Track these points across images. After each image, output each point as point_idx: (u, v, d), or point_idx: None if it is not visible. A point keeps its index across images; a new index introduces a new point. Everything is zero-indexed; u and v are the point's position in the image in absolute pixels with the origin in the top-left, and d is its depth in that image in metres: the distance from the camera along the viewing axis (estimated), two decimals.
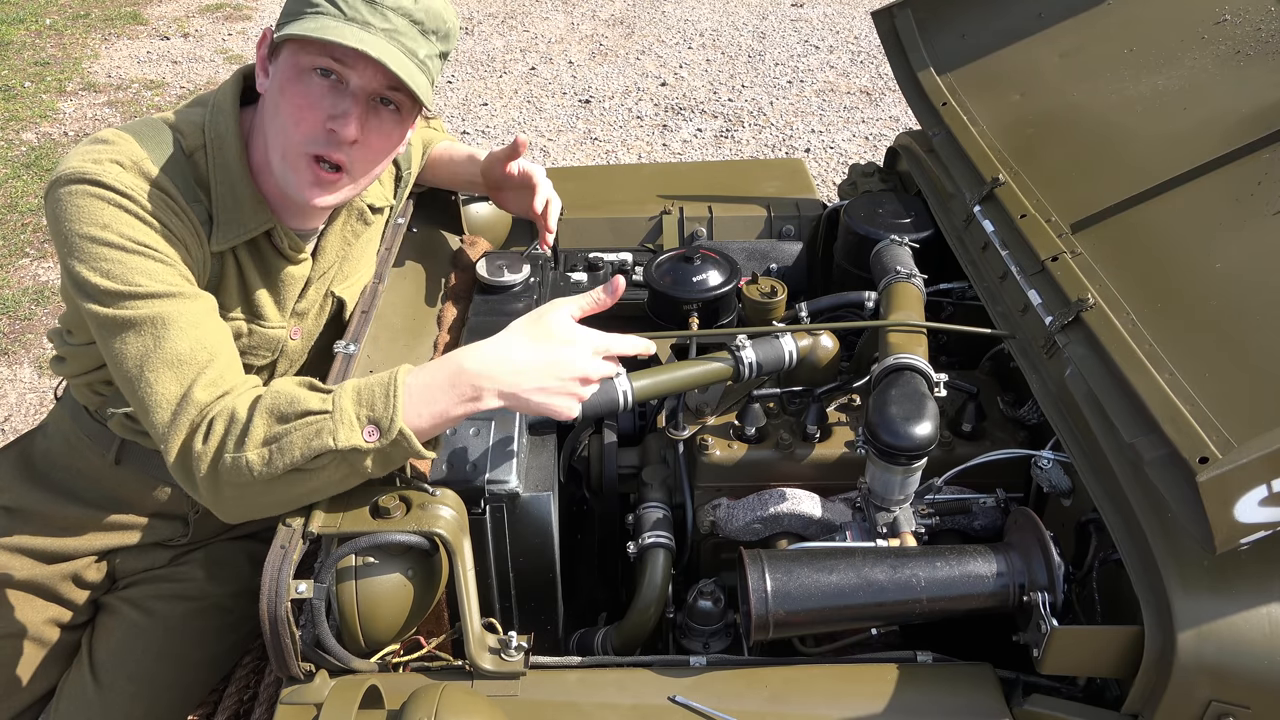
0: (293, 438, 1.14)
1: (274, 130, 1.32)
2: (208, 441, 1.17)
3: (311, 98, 1.29)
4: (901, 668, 1.21)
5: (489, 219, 1.98)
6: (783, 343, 1.54)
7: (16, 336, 3.72)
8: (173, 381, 1.20)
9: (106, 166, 1.24)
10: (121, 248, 1.23)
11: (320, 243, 1.52)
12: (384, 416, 1.14)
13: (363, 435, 1.13)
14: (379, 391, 1.16)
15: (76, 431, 1.57)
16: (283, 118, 1.30)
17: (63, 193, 1.24)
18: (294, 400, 1.16)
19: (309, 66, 1.28)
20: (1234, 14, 1.66)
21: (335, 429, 1.13)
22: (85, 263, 1.22)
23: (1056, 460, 1.37)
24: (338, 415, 1.14)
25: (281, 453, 1.14)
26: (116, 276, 1.22)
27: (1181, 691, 1.09)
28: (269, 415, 1.16)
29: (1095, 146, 1.63)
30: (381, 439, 1.13)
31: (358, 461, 1.15)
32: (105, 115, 5.40)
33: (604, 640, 1.49)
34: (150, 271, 1.24)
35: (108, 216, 1.23)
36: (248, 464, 1.14)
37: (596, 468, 1.61)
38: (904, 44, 2.01)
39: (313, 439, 1.13)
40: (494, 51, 6.21)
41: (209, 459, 1.16)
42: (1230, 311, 1.24)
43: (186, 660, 1.60)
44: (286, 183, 1.34)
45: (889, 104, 5.41)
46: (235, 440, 1.15)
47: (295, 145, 1.31)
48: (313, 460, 1.14)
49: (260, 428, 1.15)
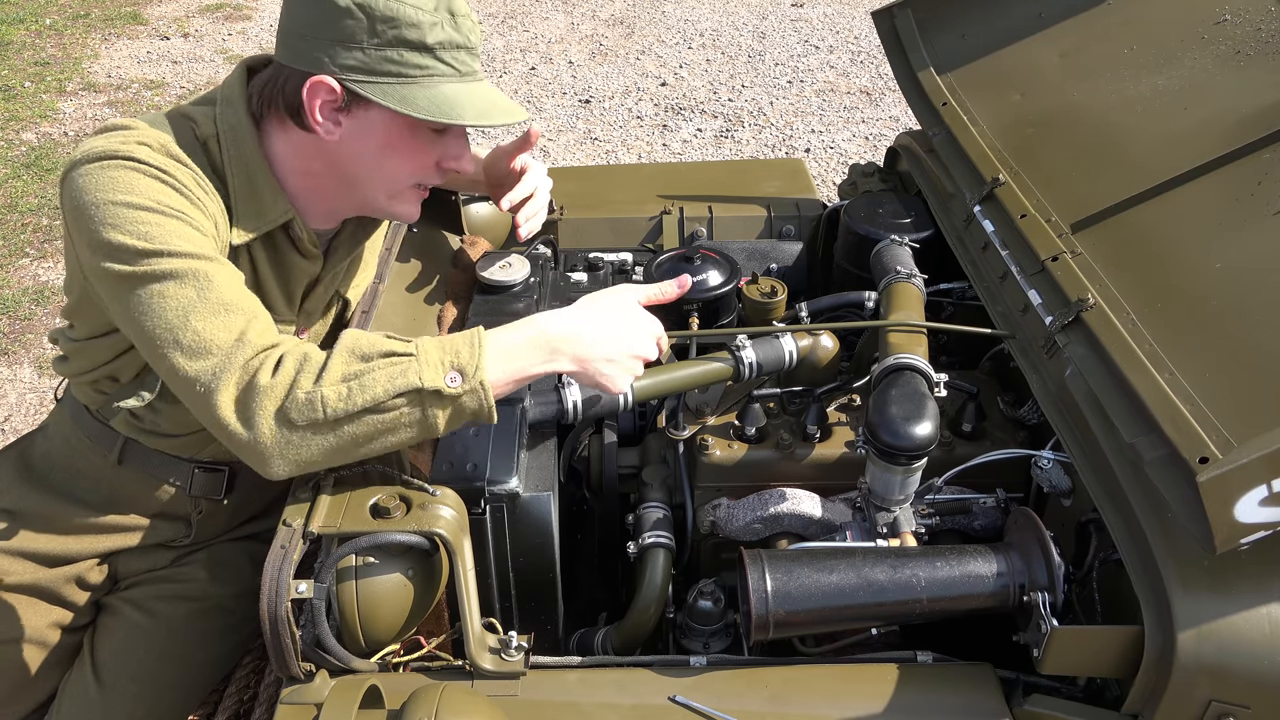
0: (375, 374, 1.14)
1: (379, 178, 1.36)
2: (277, 375, 1.13)
3: (422, 146, 1.35)
4: (901, 668, 1.21)
5: (489, 219, 1.99)
6: (783, 343, 1.54)
7: (16, 336, 3.72)
8: (222, 328, 1.17)
9: (135, 146, 1.23)
10: (160, 211, 1.20)
11: (333, 242, 1.52)
12: (469, 364, 1.16)
13: (445, 379, 1.15)
14: (462, 342, 1.18)
15: (77, 432, 1.57)
16: (392, 168, 1.35)
17: (91, 167, 1.21)
18: (375, 342, 1.17)
19: (425, 126, 1.31)
20: (1234, 14, 1.66)
21: (421, 369, 1.14)
22: (119, 227, 1.18)
23: (1056, 460, 1.37)
24: (422, 357, 1.16)
25: (363, 389, 1.13)
26: (154, 238, 1.18)
27: (1181, 691, 1.09)
28: (349, 354, 1.16)
29: (1095, 146, 1.63)
30: (464, 384, 1.15)
31: (433, 410, 1.15)
32: (105, 115, 5.40)
33: (604, 640, 1.49)
34: (187, 236, 1.21)
35: (143, 185, 1.21)
36: (323, 399, 1.12)
37: (596, 468, 1.61)
38: (904, 44, 2.01)
39: (397, 377, 1.14)
40: (494, 51, 6.21)
41: (280, 393, 1.13)
42: (1230, 311, 1.24)
43: (188, 661, 1.60)
44: (393, 213, 1.43)
45: (889, 104, 5.41)
46: (312, 376, 1.13)
47: (407, 183, 1.38)
48: (393, 399, 1.13)
49: (340, 365, 1.14)
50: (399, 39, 1.24)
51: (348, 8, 1.23)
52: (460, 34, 1.28)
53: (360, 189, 1.38)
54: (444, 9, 1.26)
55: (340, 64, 1.25)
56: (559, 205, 2.10)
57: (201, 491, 1.59)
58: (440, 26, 1.25)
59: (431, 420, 1.16)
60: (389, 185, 1.37)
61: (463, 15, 1.29)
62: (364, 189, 1.38)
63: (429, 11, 1.24)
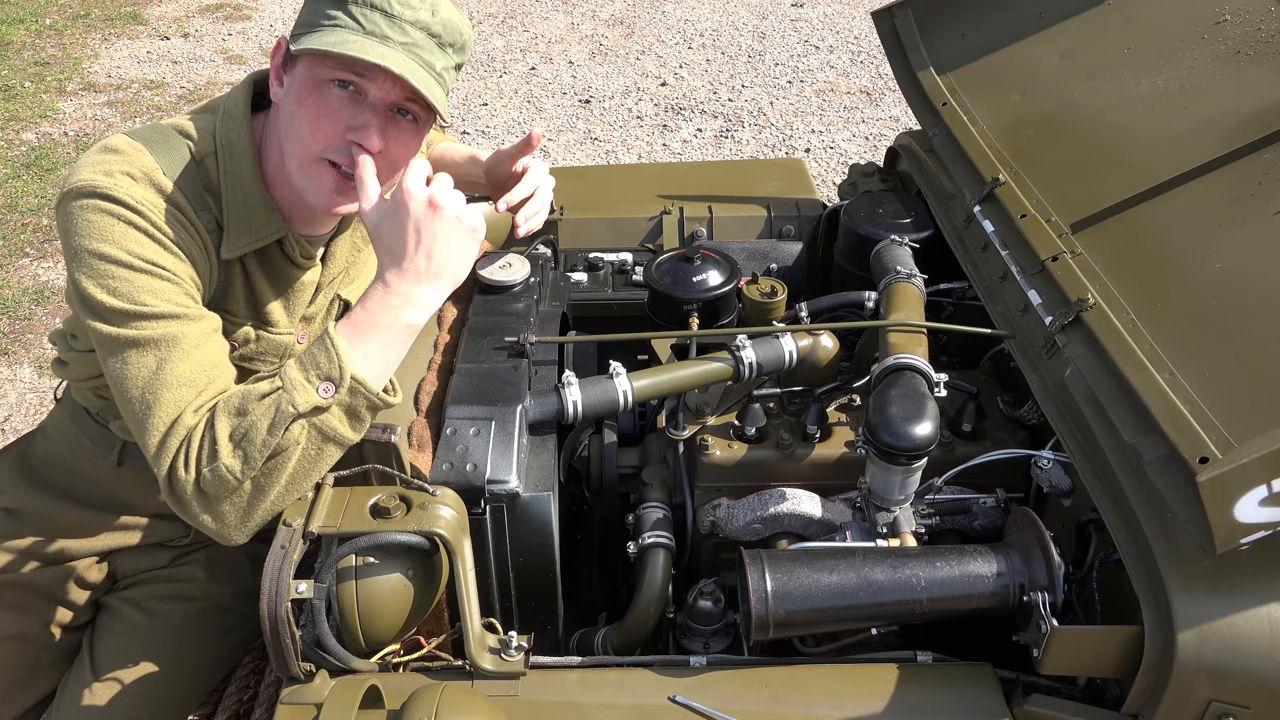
0: (255, 421, 1.15)
1: (291, 139, 1.32)
2: (188, 467, 1.18)
3: (330, 108, 1.30)
4: (901, 668, 1.21)
5: (489, 219, 1.98)
6: (783, 343, 1.54)
7: (16, 336, 3.72)
8: (170, 405, 1.20)
9: (118, 179, 1.24)
10: (129, 265, 1.22)
11: (330, 248, 1.52)
12: (331, 368, 1.17)
13: (318, 393, 1.16)
14: (317, 350, 1.19)
15: (77, 433, 1.57)
16: (299, 127, 1.31)
17: (74, 206, 1.23)
18: (244, 394, 1.19)
19: (327, 78, 1.29)
20: (1234, 14, 1.66)
21: (291, 396, 1.16)
22: (93, 279, 1.22)
23: (1056, 460, 1.37)
24: (288, 385, 1.17)
25: (250, 441, 1.15)
26: (123, 295, 1.22)
27: (1181, 691, 1.09)
28: (227, 415, 1.18)
29: (1095, 146, 1.63)
30: (337, 392, 1.16)
31: (327, 425, 1.17)
32: (105, 115, 5.40)
33: (604, 640, 1.49)
34: (156, 290, 1.23)
35: (117, 233, 1.23)
36: (226, 470, 1.15)
37: (596, 468, 1.61)
38: (904, 44, 2.01)
39: (274, 415, 1.15)
40: (494, 51, 6.21)
41: (192, 483, 1.17)
42: (1230, 311, 1.24)
43: (188, 660, 1.60)
44: (305, 190, 1.35)
45: (889, 104, 5.41)
46: (208, 454, 1.17)
47: (313, 153, 1.32)
48: (282, 436, 1.15)
49: (224, 429, 1.17)
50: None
51: None
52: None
53: (285, 160, 1.35)
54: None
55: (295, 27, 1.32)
56: (559, 205, 2.10)
57: None
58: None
59: (332, 433, 1.18)
60: (298, 150, 1.33)
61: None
62: (286, 159, 1.35)
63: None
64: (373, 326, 1.22)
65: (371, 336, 1.22)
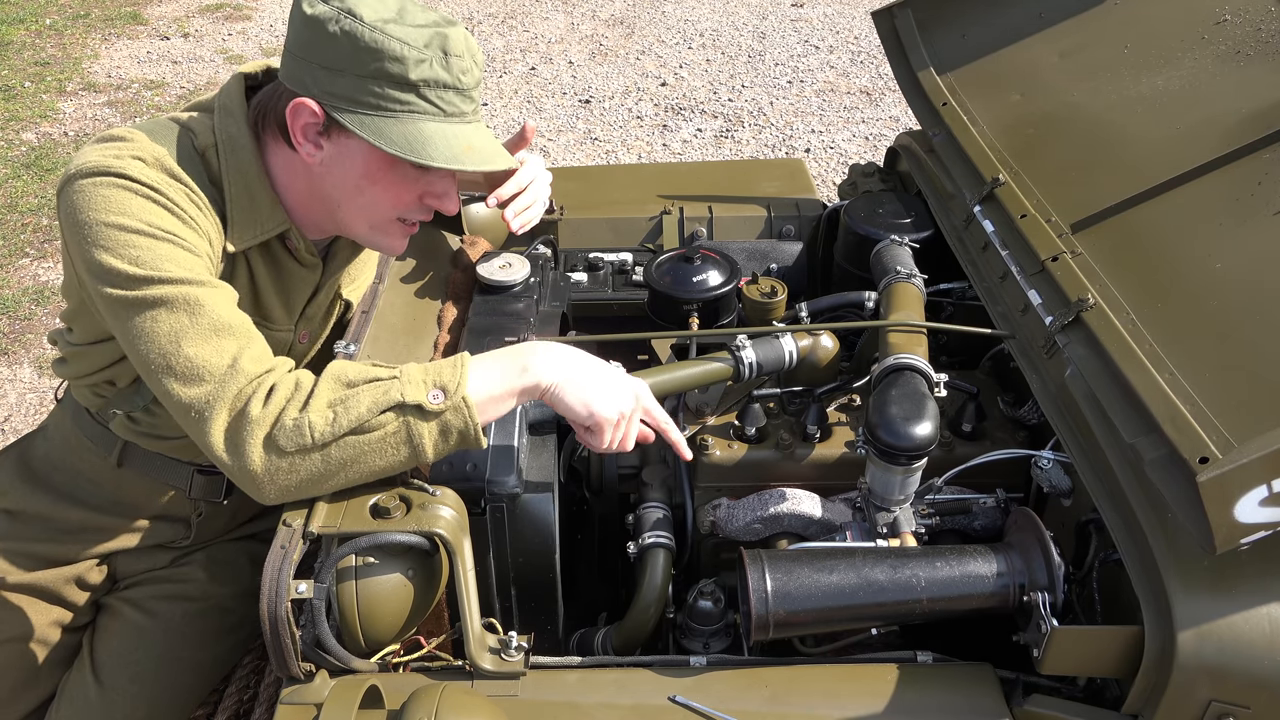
0: (360, 396, 1.15)
1: (357, 207, 1.35)
2: (268, 405, 1.15)
3: (407, 181, 1.34)
4: (901, 668, 1.21)
5: (489, 219, 1.98)
6: (783, 343, 1.54)
7: (16, 336, 3.72)
8: (215, 352, 1.18)
9: (129, 162, 1.23)
10: (151, 235, 1.21)
11: (332, 248, 1.52)
12: (451, 381, 1.18)
13: (428, 395, 1.16)
14: (445, 363, 1.20)
15: (77, 434, 1.57)
16: (372, 198, 1.34)
17: (85, 183, 1.21)
18: (361, 370, 1.19)
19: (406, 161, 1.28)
20: (1234, 14, 1.66)
21: (404, 387, 1.16)
22: (110, 250, 1.19)
23: (1056, 460, 1.37)
24: (405, 377, 1.17)
25: (347, 410, 1.14)
26: (145, 263, 1.19)
27: (1181, 691, 1.09)
28: (335, 381, 1.17)
29: (1095, 146, 1.63)
30: (446, 400, 1.16)
31: (417, 428, 1.16)
32: (105, 115, 5.40)
33: (604, 640, 1.49)
34: (178, 259, 1.22)
35: (135, 206, 1.21)
36: (310, 424, 1.14)
37: (596, 468, 1.61)
38: (904, 44, 2.01)
39: (380, 396, 1.15)
40: (494, 51, 6.21)
41: (268, 422, 1.14)
42: (1230, 311, 1.24)
43: (188, 661, 1.60)
44: (375, 244, 1.43)
45: (889, 104, 5.41)
46: (299, 403, 1.15)
47: (389, 218, 1.37)
48: (377, 417, 1.15)
49: (326, 391, 1.16)
50: (382, 72, 1.23)
51: (335, 34, 1.22)
52: (450, 74, 1.25)
53: (340, 215, 1.37)
54: (436, 47, 1.24)
55: (325, 89, 1.25)
56: (559, 205, 2.10)
57: (201, 494, 1.59)
58: (428, 64, 1.23)
59: (417, 440, 1.17)
60: (369, 216, 1.36)
61: (457, 55, 1.25)
62: (344, 216, 1.37)
63: (417, 48, 1.23)
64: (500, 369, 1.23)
65: (495, 375, 1.22)
